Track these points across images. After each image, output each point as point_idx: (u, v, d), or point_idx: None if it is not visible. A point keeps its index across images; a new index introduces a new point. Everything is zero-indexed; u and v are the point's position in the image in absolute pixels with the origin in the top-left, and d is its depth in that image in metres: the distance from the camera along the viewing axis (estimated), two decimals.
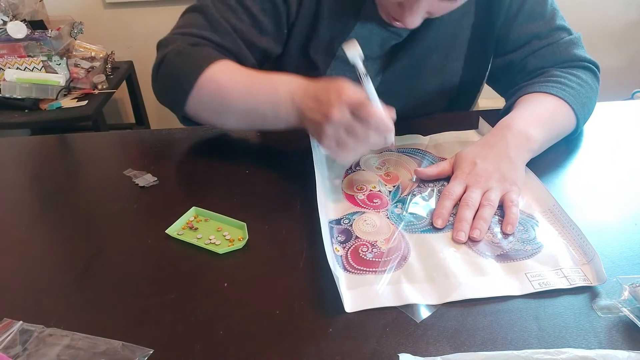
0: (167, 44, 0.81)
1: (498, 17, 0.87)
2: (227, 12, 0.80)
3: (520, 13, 0.87)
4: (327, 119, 0.64)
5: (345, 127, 0.64)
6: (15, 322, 0.53)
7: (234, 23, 0.81)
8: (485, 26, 0.89)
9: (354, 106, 0.64)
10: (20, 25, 1.78)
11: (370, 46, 0.86)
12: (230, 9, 0.80)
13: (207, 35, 0.80)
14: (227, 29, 0.80)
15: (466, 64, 0.92)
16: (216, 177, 0.80)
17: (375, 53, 0.87)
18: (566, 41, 0.87)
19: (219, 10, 0.80)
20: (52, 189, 0.79)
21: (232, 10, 0.81)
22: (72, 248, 0.66)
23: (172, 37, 0.82)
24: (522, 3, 0.86)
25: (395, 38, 0.86)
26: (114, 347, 0.50)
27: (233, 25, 0.81)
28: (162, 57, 0.80)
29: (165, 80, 0.81)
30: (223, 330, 0.53)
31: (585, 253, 0.60)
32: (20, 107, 1.85)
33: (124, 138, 0.99)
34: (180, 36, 0.81)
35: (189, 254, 0.64)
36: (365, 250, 0.63)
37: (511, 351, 0.49)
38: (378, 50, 0.87)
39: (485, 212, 0.66)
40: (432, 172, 0.75)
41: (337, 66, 0.88)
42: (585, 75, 0.86)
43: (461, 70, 0.93)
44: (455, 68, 0.92)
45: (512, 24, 0.88)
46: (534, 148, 0.76)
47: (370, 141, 0.65)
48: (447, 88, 0.94)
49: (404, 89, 0.92)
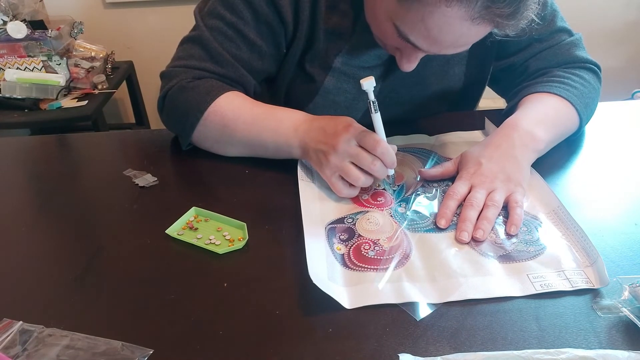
0: (170, 77, 0.82)
1: None
2: (226, 42, 0.81)
3: None
4: (334, 149, 0.68)
5: (351, 155, 0.67)
6: (15, 322, 0.53)
7: (233, 52, 0.81)
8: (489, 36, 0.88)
9: (361, 136, 0.67)
10: (20, 25, 1.79)
11: (366, 57, 0.86)
12: (227, 38, 0.80)
13: (209, 67, 0.81)
14: (228, 59, 0.81)
15: (468, 69, 0.92)
16: (216, 177, 0.80)
17: (373, 62, 0.87)
18: (567, 43, 0.87)
19: (217, 41, 0.81)
20: (52, 189, 0.79)
21: (230, 40, 0.81)
22: (71, 248, 0.66)
23: (175, 70, 0.82)
24: None
25: None
26: (114, 347, 0.50)
27: (233, 55, 0.81)
28: (167, 91, 0.82)
29: (172, 115, 0.83)
30: (223, 330, 0.53)
31: (588, 255, 0.60)
32: (20, 107, 1.85)
33: (123, 138, 0.99)
34: (183, 69, 0.82)
35: (189, 254, 0.64)
36: (367, 248, 0.63)
37: (511, 351, 0.49)
38: (375, 60, 0.86)
39: (489, 212, 0.66)
40: (436, 173, 0.75)
41: (333, 77, 0.87)
42: (587, 75, 0.86)
43: (463, 76, 0.92)
44: (456, 74, 0.92)
45: None
46: (540, 148, 0.76)
47: (374, 171, 0.67)
48: (448, 93, 0.93)
49: (406, 95, 0.92)
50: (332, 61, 0.85)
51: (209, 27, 0.81)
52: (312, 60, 0.86)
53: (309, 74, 0.87)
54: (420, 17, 0.63)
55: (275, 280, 0.59)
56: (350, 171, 0.67)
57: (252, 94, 0.86)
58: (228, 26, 0.80)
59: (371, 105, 0.69)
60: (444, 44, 0.66)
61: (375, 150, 0.67)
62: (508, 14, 0.60)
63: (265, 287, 0.58)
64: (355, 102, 0.90)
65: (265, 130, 0.77)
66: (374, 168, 0.67)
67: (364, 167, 0.67)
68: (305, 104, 0.90)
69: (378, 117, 0.70)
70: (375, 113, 0.69)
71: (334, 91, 0.88)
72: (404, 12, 0.64)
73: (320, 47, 0.84)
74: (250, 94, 0.86)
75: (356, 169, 0.68)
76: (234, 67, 0.82)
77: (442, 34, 0.64)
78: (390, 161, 0.68)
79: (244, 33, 0.80)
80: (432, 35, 0.64)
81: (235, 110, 0.78)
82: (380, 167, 0.67)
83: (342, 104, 0.90)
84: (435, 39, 0.65)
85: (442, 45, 0.67)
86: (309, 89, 0.89)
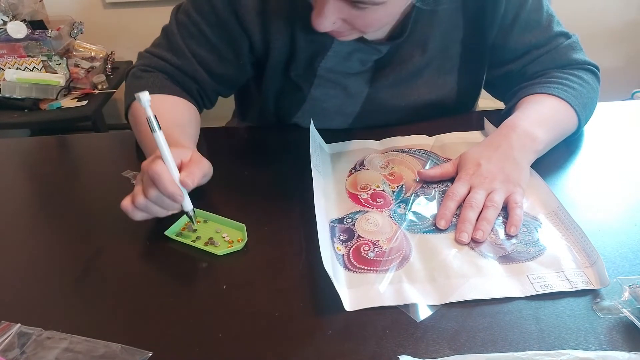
0: (138, 58, 0.89)
1: (491, 29, 0.85)
2: (188, 38, 0.83)
3: (516, 23, 0.84)
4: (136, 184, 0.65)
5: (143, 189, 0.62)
6: (13, 325, 0.53)
7: (193, 49, 0.83)
8: (476, 38, 0.87)
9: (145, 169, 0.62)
10: (20, 25, 1.79)
11: (350, 63, 0.85)
12: (190, 35, 0.83)
13: (167, 57, 0.84)
14: (186, 54, 0.83)
15: (460, 78, 0.91)
16: (215, 178, 0.79)
17: (356, 69, 0.86)
18: (565, 46, 0.86)
19: (181, 35, 0.83)
20: (51, 190, 0.79)
21: (192, 37, 0.83)
22: (70, 250, 0.66)
23: (143, 53, 0.88)
24: (516, 13, 0.84)
25: (376, 53, 0.84)
26: (113, 349, 0.50)
27: (192, 51, 0.83)
28: (129, 69, 0.88)
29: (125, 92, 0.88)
30: (222, 332, 0.53)
31: (588, 256, 0.60)
32: (20, 107, 1.85)
33: (123, 139, 0.98)
34: (148, 55, 0.87)
35: (187, 255, 0.64)
36: (367, 249, 0.63)
37: (511, 353, 0.48)
38: (359, 66, 0.85)
39: (489, 213, 0.66)
40: (435, 174, 0.75)
41: (320, 85, 0.86)
42: (586, 76, 0.85)
43: (455, 84, 0.91)
44: (449, 82, 0.91)
45: (508, 35, 0.86)
46: (539, 149, 0.75)
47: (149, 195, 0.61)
48: (442, 100, 0.92)
49: (398, 103, 0.90)
50: (316, 69, 0.85)
51: (177, 22, 0.84)
52: (297, 69, 0.85)
53: (295, 83, 0.87)
54: None
55: (274, 282, 0.59)
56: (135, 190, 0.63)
57: (212, 96, 0.90)
58: (192, 24, 0.82)
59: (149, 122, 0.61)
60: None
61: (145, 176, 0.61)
62: None
63: (265, 288, 0.58)
64: (344, 108, 0.90)
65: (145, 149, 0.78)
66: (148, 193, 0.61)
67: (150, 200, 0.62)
68: (295, 112, 0.91)
69: (158, 136, 0.61)
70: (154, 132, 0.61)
71: (321, 98, 0.88)
72: None
73: (303, 56, 0.84)
74: (210, 95, 0.89)
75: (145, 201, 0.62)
76: (189, 62, 0.83)
77: None
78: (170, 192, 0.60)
79: (205, 34, 0.82)
80: None
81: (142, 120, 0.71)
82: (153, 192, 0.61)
83: (331, 110, 0.89)
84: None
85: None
86: (297, 97, 0.89)
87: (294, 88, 0.88)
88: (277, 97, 0.91)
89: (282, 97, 0.91)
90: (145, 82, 0.83)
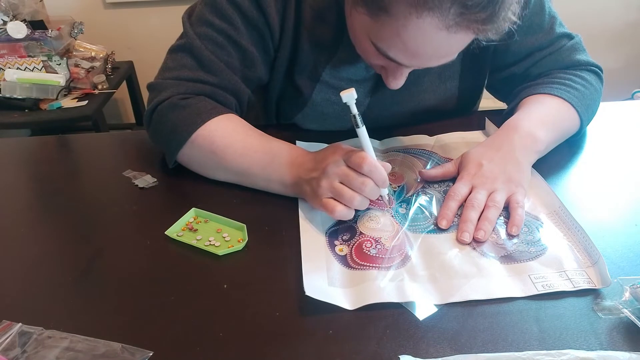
0: (160, 90, 0.78)
1: None
2: (217, 50, 0.78)
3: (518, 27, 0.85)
4: (323, 172, 0.65)
5: (340, 176, 0.64)
6: (14, 324, 0.53)
7: (226, 60, 0.78)
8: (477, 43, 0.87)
9: (347, 156, 0.64)
10: (20, 25, 1.79)
11: (355, 69, 0.84)
12: (219, 45, 0.78)
13: (202, 77, 0.78)
14: (221, 67, 0.78)
15: (462, 83, 0.91)
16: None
17: (361, 75, 0.85)
18: (568, 47, 0.86)
19: (209, 49, 0.78)
20: (51, 190, 0.79)
21: (221, 47, 0.78)
22: (71, 249, 0.66)
23: (165, 82, 0.78)
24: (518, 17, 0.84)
25: None
26: (114, 349, 0.50)
27: (226, 62, 0.78)
28: (156, 105, 0.77)
29: (159, 131, 0.78)
30: (223, 332, 0.53)
31: (590, 255, 0.60)
32: (20, 107, 1.85)
33: (123, 139, 0.99)
34: (174, 81, 0.78)
35: (188, 255, 0.64)
36: (369, 246, 0.63)
37: (512, 353, 0.48)
38: (364, 72, 0.85)
39: (490, 213, 0.66)
40: (437, 174, 0.75)
41: (322, 90, 0.86)
42: (589, 76, 0.85)
43: (457, 90, 0.91)
44: (450, 88, 0.90)
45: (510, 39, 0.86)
46: (540, 149, 0.76)
47: (365, 189, 0.63)
48: (443, 106, 0.92)
49: (399, 110, 0.90)
50: (319, 74, 0.84)
51: (199, 35, 0.78)
52: (301, 72, 0.84)
53: (297, 86, 0.86)
54: (395, 32, 0.61)
55: (274, 282, 0.59)
56: (343, 191, 0.63)
57: (245, 104, 0.84)
58: (218, 33, 0.77)
59: (354, 119, 0.64)
60: (425, 57, 0.64)
61: (362, 169, 0.62)
62: (484, 19, 0.58)
63: (265, 288, 0.58)
64: (344, 113, 0.88)
65: (257, 164, 0.72)
66: (364, 188, 0.62)
67: (354, 187, 0.63)
68: (295, 114, 0.90)
69: (363, 131, 0.64)
70: (359, 127, 0.64)
71: (322, 103, 0.87)
72: (379, 28, 0.62)
73: (307, 59, 0.83)
74: (244, 105, 0.84)
75: (349, 189, 0.63)
76: (227, 75, 0.79)
77: (420, 46, 0.61)
78: (380, 179, 0.63)
79: (235, 39, 0.78)
80: (410, 48, 0.62)
81: (226, 137, 0.74)
82: (371, 187, 0.63)
83: (332, 115, 0.89)
84: (415, 52, 0.63)
85: (422, 58, 0.64)
86: (298, 101, 0.88)
87: (296, 91, 0.87)
88: (278, 99, 0.91)
89: (283, 99, 0.90)
90: (194, 109, 0.75)
